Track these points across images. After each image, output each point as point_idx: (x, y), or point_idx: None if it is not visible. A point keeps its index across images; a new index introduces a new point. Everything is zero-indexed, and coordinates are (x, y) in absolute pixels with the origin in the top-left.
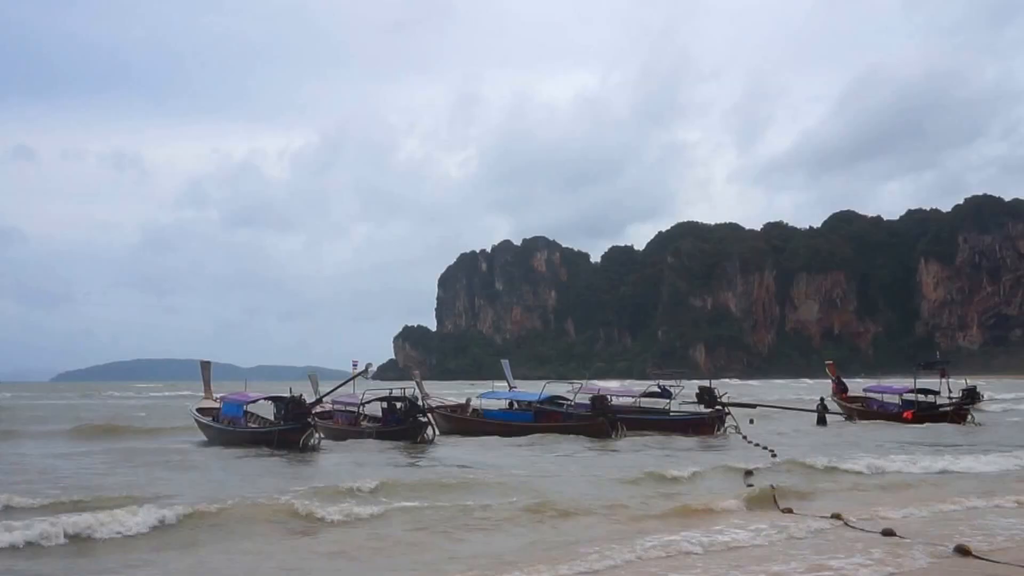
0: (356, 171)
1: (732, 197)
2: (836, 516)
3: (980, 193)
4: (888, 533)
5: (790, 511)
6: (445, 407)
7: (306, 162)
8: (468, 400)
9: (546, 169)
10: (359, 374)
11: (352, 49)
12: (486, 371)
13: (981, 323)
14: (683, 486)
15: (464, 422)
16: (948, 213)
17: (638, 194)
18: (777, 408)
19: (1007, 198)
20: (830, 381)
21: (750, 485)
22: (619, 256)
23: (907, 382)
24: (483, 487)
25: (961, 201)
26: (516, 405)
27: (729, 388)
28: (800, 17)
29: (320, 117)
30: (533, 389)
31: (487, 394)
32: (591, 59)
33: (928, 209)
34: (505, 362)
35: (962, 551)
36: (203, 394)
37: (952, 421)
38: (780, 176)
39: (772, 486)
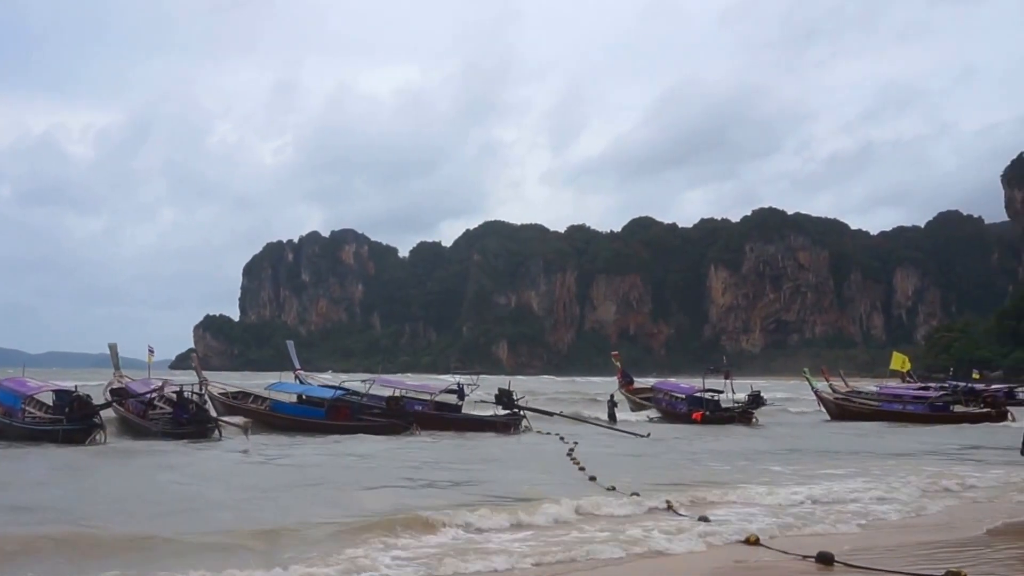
0: (165, 153)
1: (543, 198)
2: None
3: (772, 206)
4: (704, 520)
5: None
6: (227, 395)
7: (112, 141)
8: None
9: (364, 161)
10: (157, 390)
11: (165, 27)
12: (289, 363)
13: (763, 328)
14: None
15: (250, 414)
16: (737, 223)
17: (453, 191)
18: (573, 420)
19: (791, 211)
20: (617, 372)
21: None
22: (427, 252)
23: (696, 382)
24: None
25: (750, 212)
26: (307, 399)
27: (529, 384)
28: (621, 27)
29: (130, 95)
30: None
31: (276, 385)
32: (415, 54)
33: (719, 219)
34: (290, 343)
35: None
36: None
37: (740, 423)
38: (590, 180)
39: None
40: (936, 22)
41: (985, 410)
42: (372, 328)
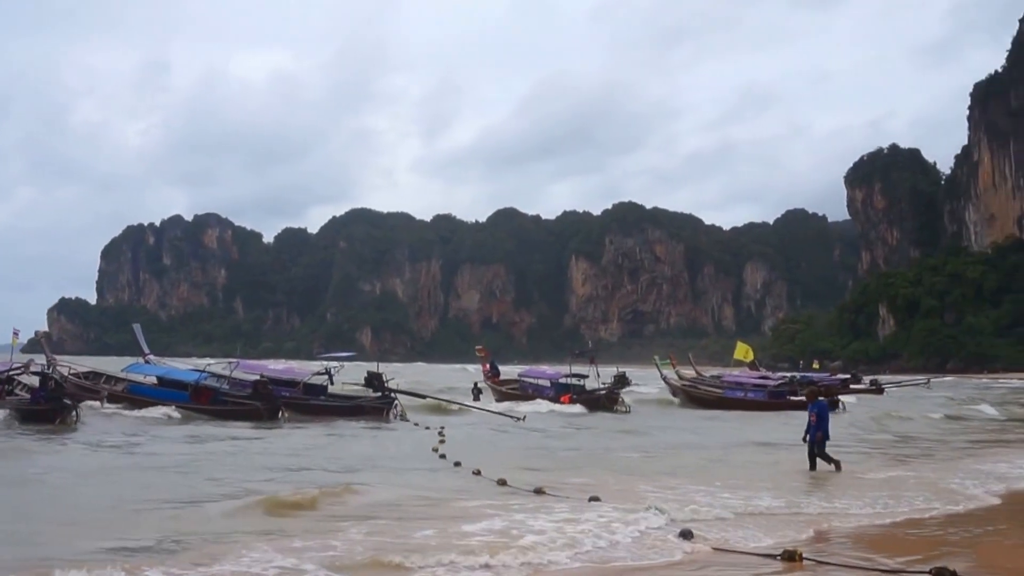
0: (25, 131)
1: (412, 186)
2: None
3: (635, 200)
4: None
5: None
6: (78, 375)
7: None
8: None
9: (232, 145)
10: (22, 367)
11: (26, 0)
12: (148, 347)
13: (621, 317)
14: None
15: (111, 396)
16: (598, 216)
17: (322, 177)
18: (444, 401)
19: (651, 206)
20: (483, 366)
21: None
22: (292, 238)
23: (560, 368)
24: None
25: (610, 206)
26: (168, 381)
27: (406, 372)
28: (494, 19)
29: None
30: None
31: (134, 367)
32: (289, 39)
33: (581, 211)
34: (137, 326)
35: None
36: None
37: (606, 406)
38: (459, 170)
39: None
40: (794, 28)
41: None
42: (234, 313)
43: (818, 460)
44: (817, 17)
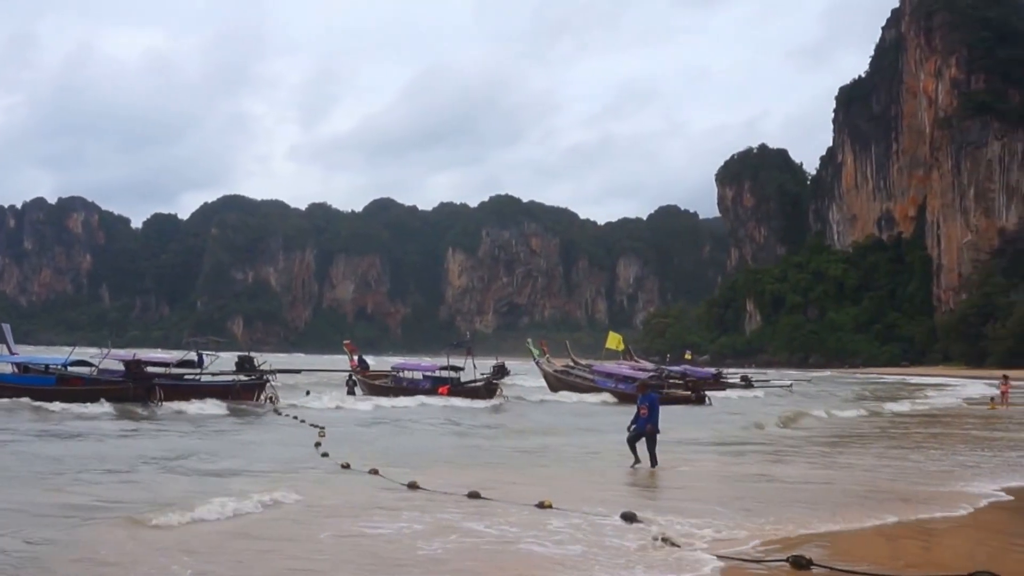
0: None
1: (289, 174)
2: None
3: (513, 193)
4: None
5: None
6: None
7: None
8: None
9: (102, 127)
10: None
11: None
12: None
13: (496, 309)
14: None
15: None
16: (475, 208)
17: (196, 162)
18: (317, 371)
19: (529, 199)
20: (351, 362)
21: None
22: (162, 224)
23: (436, 360)
24: None
25: (487, 199)
26: (33, 368)
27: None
28: (377, 6)
29: None
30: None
31: None
32: (164, 17)
33: (459, 203)
34: (6, 326)
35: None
36: None
37: (484, 396)
38: (338, 158)
39: None
40: (674, 26)
41: (687, 393)
42: (100, 300)
43: (637, 449)
44: (697, 16)
